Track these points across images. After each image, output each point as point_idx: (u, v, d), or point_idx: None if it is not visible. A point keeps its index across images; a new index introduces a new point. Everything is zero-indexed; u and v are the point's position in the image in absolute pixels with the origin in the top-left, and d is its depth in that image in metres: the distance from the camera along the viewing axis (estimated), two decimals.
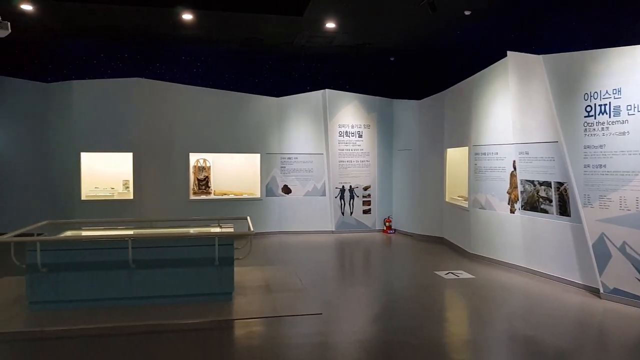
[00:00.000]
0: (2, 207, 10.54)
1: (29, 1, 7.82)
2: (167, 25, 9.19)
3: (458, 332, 5.22)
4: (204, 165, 11.06)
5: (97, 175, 10.42)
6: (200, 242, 5.87)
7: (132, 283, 5.64)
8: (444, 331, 5.22)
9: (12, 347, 4.68)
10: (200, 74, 11.69)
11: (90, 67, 11.08)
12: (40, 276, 5.45)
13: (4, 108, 10.61)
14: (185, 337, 4.89)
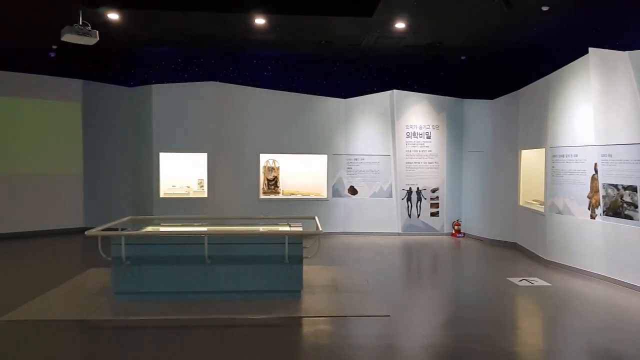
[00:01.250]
0: (90, 204, 11.37)
1: (115, 10, 8.37)
2: (240, 30, 9.51)
3: (532, 342, 5.02)
4: (273, 166, 11.33)
5: (174, 174, 10.96)
6: (271, 240, 6.03)
7: (207, 278, 5.90)
8: (517, 340, 5.04)
9: (99, 334, 5.05)
10: (270, 77, 11.99)
11: (168, 72, 11.70)
12: (124, 268, 5.83)
13: (91, 110, 11.44)
14: (256, 332, 5.05)
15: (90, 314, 5.43)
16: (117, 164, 11.35)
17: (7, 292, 6.37)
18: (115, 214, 9.42)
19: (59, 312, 5.52)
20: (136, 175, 11.14)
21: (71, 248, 9.75)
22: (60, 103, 11.10)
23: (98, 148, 11.48)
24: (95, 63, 11.62)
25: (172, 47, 11.07)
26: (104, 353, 4.59)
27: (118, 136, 11.34)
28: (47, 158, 10.99)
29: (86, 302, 5.85)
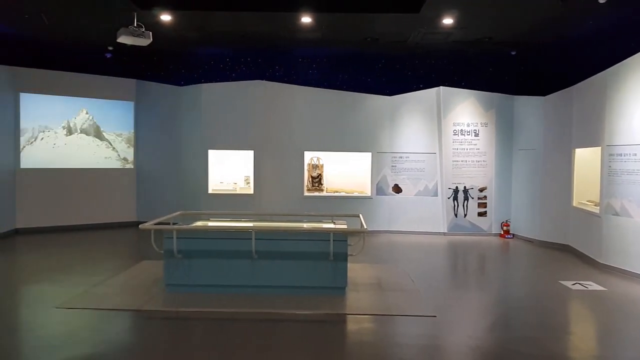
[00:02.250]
0: (142, 199, 11.82)
1: (168, 12, 8.65)
2: (287, 29, 9.61)
3: (585, 348, 4.83)
4: (318, 164, 11.40)
5: (222, 171, 11.23)
6: (316, 237, 6.08)
7: (254, 272, 6.02)
8: (568, 345, 4.87)
9: (152, 324, 5.26)
10: (315, 75, 12.07)
11: (217, 71, 11.99)
12: (175, 261, 6.04)
13: (144, 109, 11.88)
14: (300, 327, 5.11)
15: (143, 305, 5.65)
16: (167, 161, 11.73)
17: (66, 282, 6.72)
18: (166, 209, 9.75)
19: (115, 301, 5.78)
20: (186, 171, 11.48)
21: (125, 241, 10.17)
22: (116, 102, 11.57)
23: (150, 145, 11.91)
24: (148, 63, 12.07)
25: (221, 47, 11.33)
26: (155, 342, 4.77)
27: (169, 134, 11.72)
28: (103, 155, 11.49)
29: (139, 293, 6.10)
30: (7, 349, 4.55)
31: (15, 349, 4.58)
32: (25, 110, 10.50)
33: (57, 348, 4.48)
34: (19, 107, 10.40)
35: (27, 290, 6.49)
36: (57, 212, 10.86)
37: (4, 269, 7.70)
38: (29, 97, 10.53)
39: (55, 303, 5.72)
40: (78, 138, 11.19)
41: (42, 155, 10.75)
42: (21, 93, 10.42)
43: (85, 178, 11.20)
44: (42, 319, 5.24)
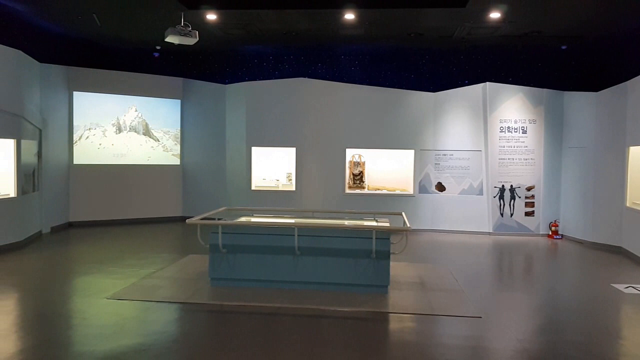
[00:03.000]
0: (188, 195, 12.13)
1: (214, 11, 8.81)
2: (330, 26, 9.62)
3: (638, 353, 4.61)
4: (359, 161, 11.35)
5: (265, 168, 11.37)
6: (358, 235, 6.06)
7: (296, 268, 6.07)
8: (620, 350, 4.65)
9: (197, 316, 5.38)
10: (357, 72, 12.04)
11: (260, 69, 12.15)
12: (220, 256, 6.17)
13: (191, 107, 12.17)
14: (343, 324, 5.11)
15: (189, 297, 5.80)
16: (212, 158, 11.97)
17: (117, 274, 6.98)
18: (210, 205, 10.00)
19: (163, 294, 5.96)
20: (230, 168, 11.69)
21: (172, 235, 10.46)
22: (163, 100, 11.91)
23: (195, 142, 12.19)
24: (194, 62, 12.36)
25: (264, 45, 11.46)
26: (201, 334, 4.88)
27: (214, 131, 11.95)
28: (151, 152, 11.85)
29: (186, 286, 6.27)
30: (62, 337, 4.77)
31: (69, 337, 4.79)
32: (78, 108, 10.96)
33: (108, 337, 4.66)
34: (72, 105, 10.87)
35: (80, 281, 6.79)
36: (107, 206, 11.29)
37: (59, 260, 8.08)
38: (81, 95, 10.99)
39: (107, 294, 5.95)
40: (127, 135, 11.58)
41: (93, 151, 11.20)
42: (74, 92, 10.87)
43: (134, 174, 11.58)
44: (94, 309, 5.47)
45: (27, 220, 8.99)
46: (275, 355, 4.29)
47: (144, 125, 11.78)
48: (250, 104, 11.19)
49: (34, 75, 9.50)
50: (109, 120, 11.36)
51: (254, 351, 4.39)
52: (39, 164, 9.65)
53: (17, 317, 5.43)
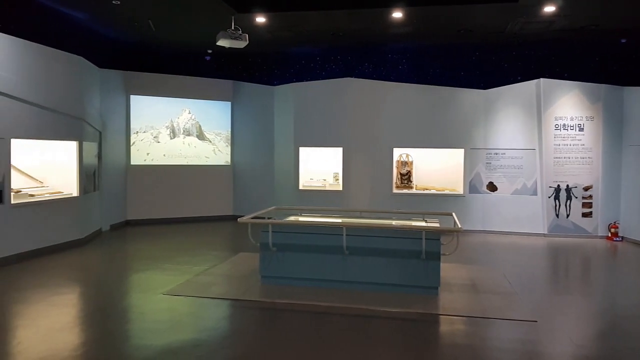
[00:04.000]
0: (239, 194, 12.41)
1: (263, 14, 8.97)
2: (377, 25, 9.58)
3: None
4: (407, 160, 11.24)
5: (312, 168, 11.46)
6: (408, 235, 6.01)
7: (345, 268, 6.09)
8: None
9: (249, 313, 5.51)
10: (405, 70, 11.92)
11: (308, 70, 12.25)
12: (270, 254, 6.28)
13: (240, 109, 12.44)
14: (392, 324, 5.08)
15: (241, 295, 5.94)
16: (261, 158, 12.18)
17: (171, 270, 7.24)
18: (259, 204, 10.17)
19: (215, 291, 6.13)
20: (278, 168, 11.86)
21: (223, 233, 10.73)
22: (215, 102, 12.24)
23: (245, 143, 12.44)
24: (243, 64, 12.62)
25: (312, 46, 11.55)
26: (253, 331, 4.99)
27: (262, 132, 12.17)
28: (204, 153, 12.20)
29: (237, 283, 6.42)
30: (121, 331, 5.00)
31: (127, 331, 5.02)
32: (135, 111, 11.43)
33: (164, 332, 4.84)
34: (129, 108, 11.35)
35: (137, 277, 7.09)
36: (162, 205, 11.71)
37: (118, 256, 8.46)
38: (137, 98, 11.45)
39: (162, 290, 6.18)
40: (181, 137, 11.97)
41: (149, 152, 11.64)
42: (131, 95, 11.35)
43: (187, 174, 11.96)
44: (150, 305, 5.70)
45: (89, 219, 9.47)
46: (326, 354, 4.33)
47: (198, 127, 12.14)
48: (297, 105, 11.31)
49: (94, 80, 9.99)
50: (164, 122, 11.78)
51: (305, 349, 4.45)
52: (99, 164, 10.14)
53: (79, 310, 5.74)
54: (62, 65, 8.62)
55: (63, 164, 8.91)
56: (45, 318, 5.20)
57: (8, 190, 7.42)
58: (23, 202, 7.79)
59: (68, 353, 4.31)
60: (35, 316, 5.27)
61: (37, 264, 7.52)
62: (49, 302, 5.71)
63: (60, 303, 5.76)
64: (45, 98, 8.13)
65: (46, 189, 8.60)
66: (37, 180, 8.59)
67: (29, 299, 5.85)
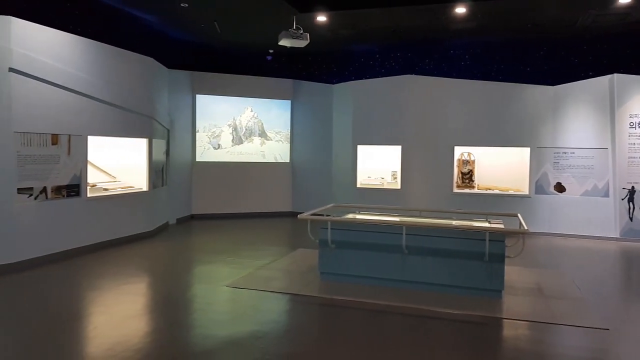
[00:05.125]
0: (297, 191, 12.60)
1: (324, 12, 9.03)
2: (439, 21, 9.39)
3: None
4: (469, 159, 10.96)
5: (370, 166, 11.43)
6: (470, 236, 5.88)
7: (404, 267, 6.05)
8: None
9: (309, 308, 5.59)
10: (468, 66, 11.61)
11: (367, 68, 12.21)
12: (329, 251, 6.34)
13: (300, 107, 12.62)
14: (453, 327, 5.00)
15: (300, 290, 6.04)
16: (320, 156, 12.30)
17: (234, 264, 7.47)
18: (318, 201, 10.25)
19: (276, 285, 6.27)
20: (336, 166, 11.92)
21: (283, 229, 10.94)
22: (275, 101, 12.48)
23: (304, 141, 12.61)
24: (303, 63, 12.77)
25: (371, 43, 11.51)
26: (312, 326, 5.07)
27: (321, 130, 12.28)
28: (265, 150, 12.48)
29: (297, 279, 6.53)
30: (187, 320, 5.23)
31: (193, 321, 5.24)
32: (200, 110, 11.87)
33: (227, 323, 5.02)
34: (195, 107, 11.80)
35: (201, 269, 7.37)
36: (224, 200, 12.09)
37: (183, 249, 8.83)
38: (203, 98, 11.89)
39: (225, 282, 6.40)
40: (243, 135, 12.30)
41: (213, 150, 12.05)
42: (197, 95, 11.80)
43: (249, 171, 12.29)
44: (214, 296, 5.91)
45: (157, 212, 9.95)
46: (384, 353, 4.32)
47: (259, 125, 12.44)
48: (356, 103, 11.31)
49: (163, 80, 10.47)
50: (227, 120, 12.16)
51: (364, 347, 4.46)
52: (166, 161, 10.62)
53: (149, 299, 6.06)
54: (134, 66, 9.10)
55: (134, 160, 9.41)
56: (118, 305, 5.52)
57: (84, 184, 7.93)
58: (98, 196, 8.31)
59: (138, 340, 4.57)
60: (109, 303, 5.62)
61: (109, 254, 8.00)
62: (121, 290, 6.07)
63: (131, 291, 6.10)
64: (119, 97, 8.61)
65: (119, 183, 9.12)
66: (111, 175, 9.12)
67: (103, 286, 6.24)
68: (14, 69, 6.73)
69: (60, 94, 7.45)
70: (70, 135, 7.62)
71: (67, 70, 7.56)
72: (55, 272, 6.82)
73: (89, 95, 7.95)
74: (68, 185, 7.61)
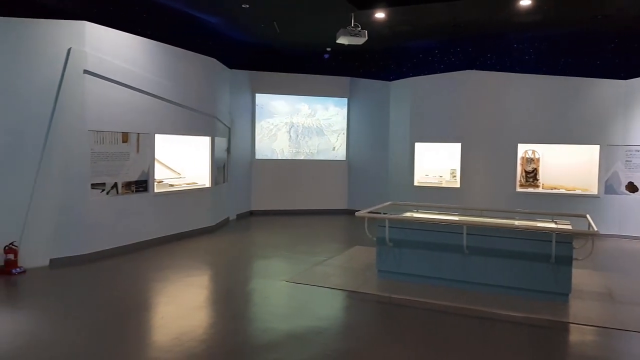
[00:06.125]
0: (353, 189, 12.61)
1: (383, 9, 8.97)
2: (502, 14, 9.09)
3: None
4: (533, 157, 10.55)
5: (428, 164, 11.25)
6: (535, 237, 5.67)
7: (465, 267, 5.92)
8: None
9: (367, 305, 5.60)
10: (532, 60, 11.15)
11: (425, 64, 12.00)
12: (387, 249, 6.31)
13: (356, 105, 12.61)
14: (516, 329, 4.85)
15: (358, 287, 6.06)
16: (376, 154, 12.25)
17: (291, 259, 7.60)
18: (373, 199, 10.24)
19: (333, 281, 6.33)
20: (392, 164, 11.83)
21: (338, 226, 10.99)
22: (332, 99, 12.55)
23: (360, 139, 12.60)
24: (360, 61, 12.73)
25: (430, 39, 11.30)
26: (371, 324, 5.08)
27: (377, 128, 12.23)
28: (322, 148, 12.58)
29: (354, 276, 6.56)
30: (248, 313, 5.38)
31: (254, 313, 5.39)
32: (259, 109, 12.13)
33: (287, 317, 5.12)
34: (254, 106, 12.08)
35: (260, 263, 7.56)
36: (281, 197, 12.30)
37: (243, 244, 9.08)
38: (262, 96, 12.14)
39: (284, 277, 6.52)
40: (300, 133, 12.46)
41: (271, 147, 12.29)
42: (256, 94, 12.07)
43: (306, 168, 12.43)
44: (273, 290, 6.05)
45: (219, 208, 10.28)
46: (444, 354, 4.27)
47: (316, 123, 12.55)
48: (414, 100, 11.16)
49: (224, 80, 10.79)
50: (284, 118, 12.36)
51: (423, 347, 4.43)
52: (228, 158, 10.95)
53: (211, 291, 6.28)
54: (198, 66, 9.44)
55: (197, 158, 9.76)
56: (183, 296, 5.77)
57: (152, 180, 8.32)
58: (164, 192, 8.69)
59: (203, 330, 4.76)
60: (174, 294, 5.88)
61: (174, 247, 8.35)
62: (186, 282, 6.33)
63: (195, 283, 6.36)
64: (184, 97, 8.96)
65: (183, 179, 9.49)
66: (176, 171, 9.51)
67: (169, 277, 6.53)
68: (88, 71, 7.16)
69: (129, 94, 7.86)
70: (139, 133, 8.02)
71: (136, 71, 7.96)
72: (125, 264, 7.22)
73: (156, 95, 8.33)
74: (137, 181, 8.02)
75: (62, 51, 6.98)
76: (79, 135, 7.12)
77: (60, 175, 6.96)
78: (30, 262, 6.75)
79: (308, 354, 4.18)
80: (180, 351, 4.20)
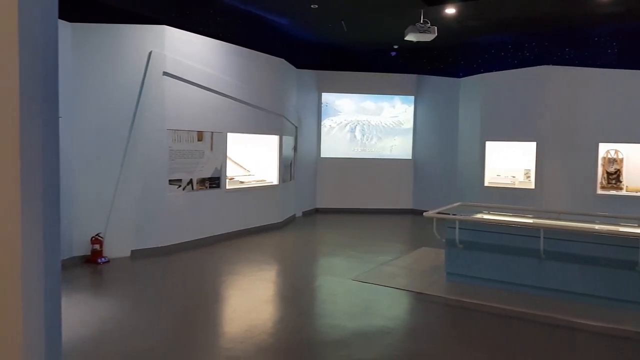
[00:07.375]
0: (419, 188, 12.41)
1: (453, 5, 8.75)
2: (581, 6, 8.59)
3: None
4: (616, 157, 9.88)
5: (500, 164, 10.83)
6: (620, 242, 5.32)
7: (541, 273, 5.67)
8: None
9: (435, 307, 5.51)
10: (615, 55, 10.45)
11: (497, 60, 11.58)
12: (456, 251, 6.16)
13: (424, 103, 12.39)
14: (596, 340, 4.60)
15: (425, 288, 5.97)
16: (443, 153, 11.98)
17: (357, 258, 7.61)
18: (440, 199, 10.03)
19: (400, 281, 6.28)
20: (461, 163, 11.51)
21: (404, 226, 10.88)
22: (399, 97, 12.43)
23: (427, 137, 12.36)
24: (428, 58, 12.51)
25: (502, 33, 10.89)
26: (439, 326, 5.00)
27: (445, 126, 11.93)
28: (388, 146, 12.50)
29: (421, 277, 6.47)
30: (316, 309, 5.46)
31: (322, 310, 5.46)
32: (323, 107, 12.24)
33: (355, 315, 5.14)
34: (320, 105, 12.19)
35: (325, 260, 7.65)
36: (347, 196, 12.33)
37: (309, 241, 9.22)
38: (328, 95, 12.24)
39: (350, 275, 6.55)
40: (366, 131, 12.44)
41: (336, 146, 12.36)
42: (323, 93, 12.18)
43: (371, 167, 12.38)
44: (340, 288, 6.09)
45: (286, 205, 10.49)
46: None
47: (383, 121, 12.48)
48: (485, 97, 10.79)
49: (292, 80, 10.97)
50: (351, 117, 12.38)
51: (493, 352, 4.30)
52: (294, 156, 11.14)
53: (279, 286, 6.44)
54: (268, 67, 9.67)
55: (266, 156, 10.01)
56: (253, 290, 5.95)
57: (224, 177, 8.63)
58: (235, 188, 8.99)
59: (272, 324, 4.89)
60: (245, 287, 6.08)
61: (244, 242, 8.62)
62: (256, 276, 6.52)
63: (264, 277, 6.54)
64: (254, 97, 9.21)
65: (253, 177, 9.77)
66: (246, 169, 9.81)
67: (240, 271, 6.76)
68: (167, 73, 7.53)
69: (204, 94, 8.19)
70: (212, 132, 8.35)
71: (210, 72, 8.28)
72: (199, 256, 7.55)
73: (228, 95, 8.63)
74: (210, 178, 8.35)
75: (144, 54, 7.39)
76: (158, 133, 7.51)
77: (141, 172, 7.39)
78: (113, 252, 7.22)
79: (376, 353, 4.19)
80: (252, 343, 4.34)
